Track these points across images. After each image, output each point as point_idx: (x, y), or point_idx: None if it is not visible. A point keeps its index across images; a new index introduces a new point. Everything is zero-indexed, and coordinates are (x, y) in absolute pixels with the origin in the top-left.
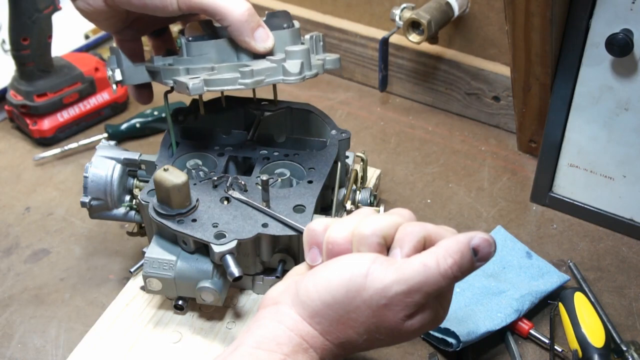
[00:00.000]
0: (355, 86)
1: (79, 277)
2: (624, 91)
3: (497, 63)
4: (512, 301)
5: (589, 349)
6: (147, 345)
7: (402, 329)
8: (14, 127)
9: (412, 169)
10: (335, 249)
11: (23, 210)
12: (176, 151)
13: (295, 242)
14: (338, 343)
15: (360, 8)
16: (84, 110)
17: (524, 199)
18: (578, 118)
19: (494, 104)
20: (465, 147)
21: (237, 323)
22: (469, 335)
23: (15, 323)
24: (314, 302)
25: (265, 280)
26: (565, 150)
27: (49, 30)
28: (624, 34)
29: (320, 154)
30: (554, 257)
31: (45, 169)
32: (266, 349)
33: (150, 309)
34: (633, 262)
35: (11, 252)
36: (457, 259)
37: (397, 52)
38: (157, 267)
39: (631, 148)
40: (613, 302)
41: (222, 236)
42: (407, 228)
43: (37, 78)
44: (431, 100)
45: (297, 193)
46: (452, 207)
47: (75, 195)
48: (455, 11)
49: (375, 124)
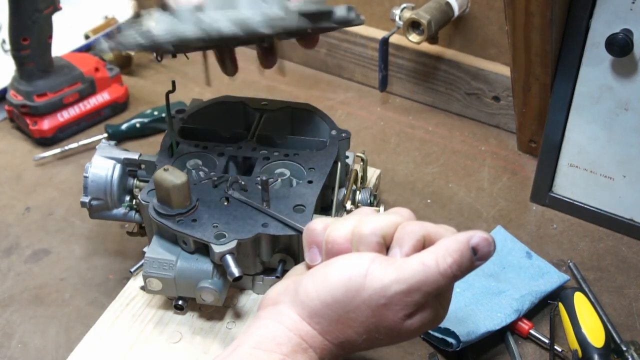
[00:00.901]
0: (355, 86)
1: (79, 277)
2: (624, 91)
3: (497, 63)
4: (512, 301)
5: (589, 349)
6: (147, 345)
7: (401, 329)
8: (14, 127)
9: (412, 169)
10: (334, 248)
11: (23, 210)
12: (176, 151)
13: (295, 242)
14: (337, 343)
15: (360, 8)
16: (84, 110)
17: (524, 199)
18: (578, 118)
19: (494, 104)
20: (465, 147)
21: (237, 323)
22: (469, 335)
23: (15, 323)
24: (313, 302)
25: (265, 280)
26: (565, 150)
27: (49, 30)
28: (624, 34)
29: (320, 154)
30: (554, 257)
31: (45, 169)
32: (265, 349)
33: (150, 309)
34: (633, 262)
35: (11, 252)
36: (457, 258)
37: (397, 52)
38: (157, 267)
39: (631, 148)
40: (613, 302)
41: (222, 236)
42: (406, 227)
43: (37, 78)
44: (431, 100)
45: (297, 193)
46: (452, 207)
47: (75, 195)
48: (455, 11)
49: (375, 124)
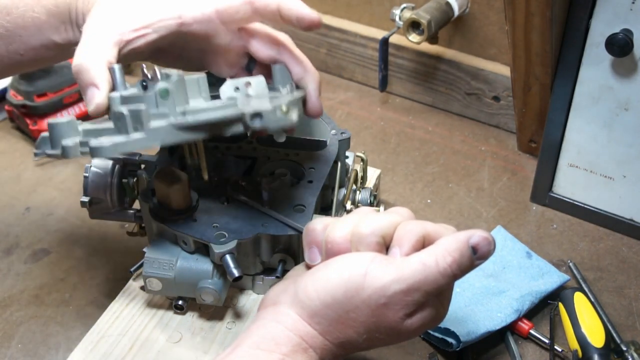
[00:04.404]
0: (355, 86)
1: (79, 277)
2: (624, 91)
3: (497, 63)
4: (512, 301)
5: (589, 349)
6: (147, 345)
7: (401, 328)
8: (14, 127)
9: (412, 169)
10: (334, 248)
11: (23, 210)
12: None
13: (295, 242)
14: (338, 343)
15: (360, 8)
16: (84, 110)
17: (524, 199)
18: (578, 118)
19: (494, 104)
20: (465, 147)
21: (237, 323)
22: (469, 335)
23: (15, 323)
24: (313, 302)
25: (265, 280)
26: (565, 150)
27: None
28: (624, 34)
29: (320, 154)
30: (554, 257)
31: (45, 169)
32: (265, 349)
33: (150, 309)
34: (633, 262)
35: (11, 252)
36: (456, 257)
37: (397, 52)
38: (157, 267)
39: (631, 148)
40: (613, 302)
41: (222, 236)
42: (406, 227)
43: (37, 78)
44: (431, 100)
45: (297, 193)
46: (452, 207)
47: (75, 195)
48: (455, 11)
49: (375, 124)
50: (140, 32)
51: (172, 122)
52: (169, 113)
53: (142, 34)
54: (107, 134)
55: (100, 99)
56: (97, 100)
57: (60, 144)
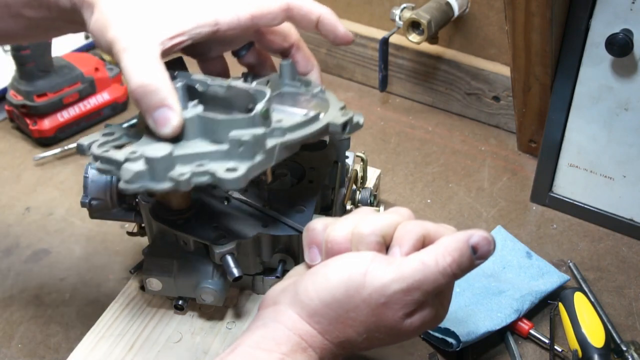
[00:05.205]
0: (355, 86)
1: (79, 277)
2: (624, 91)
3: (497, 63)
4: (512, 301)
5: (589, 349)
6: (147, 345)
7: (401, 328)
8: (14, 127)
9: (412, 169)
10: (334, 248)
11: (23, 210)
12: None
13: (295, 242)
14: (337, 342)
15: (360, 8)
16: (84, 110)
17: (524, 199)
18: (578, 118)
19: (494, 104)
20: (465, 147)
21: (237, 323)
22: (469, 335)
23: (15, 323)
24: (313, 302)
25: (265, 280)
26: (565, 150)
27: None
28: (624, 34)
29: (320, 154)
30: (554, 257)
31: (45, 169)
32: (265, 349)
33: (150, 309)
34: (633, 262)
35: (11, 252)
36: (456, 257)
37: (397, 52)
38: (157, 267)
39: (631, 148)
40: (613, 302)
41: (222, 236)
42: (406, 226)
43: (37, 78)
44: (431, 100)
45: (297, 193)
46: (452, 207)
47: (75, 195)
48: (455, 11)
49: (375, 124)
50: (176, 40)
51: (281, 141)
52: (268, 132)
53: (178, 42)
54: (212, 158)
55: (177, 120)
56: (173, 122)
57: (168, 177)
